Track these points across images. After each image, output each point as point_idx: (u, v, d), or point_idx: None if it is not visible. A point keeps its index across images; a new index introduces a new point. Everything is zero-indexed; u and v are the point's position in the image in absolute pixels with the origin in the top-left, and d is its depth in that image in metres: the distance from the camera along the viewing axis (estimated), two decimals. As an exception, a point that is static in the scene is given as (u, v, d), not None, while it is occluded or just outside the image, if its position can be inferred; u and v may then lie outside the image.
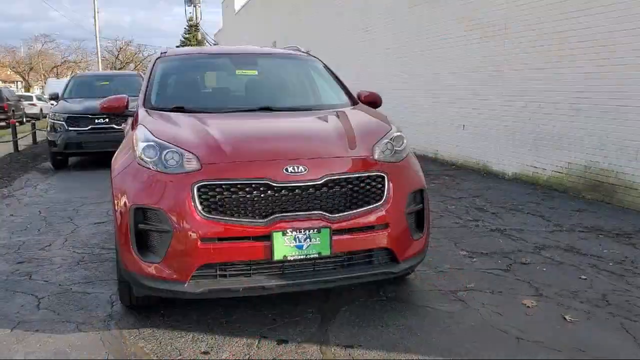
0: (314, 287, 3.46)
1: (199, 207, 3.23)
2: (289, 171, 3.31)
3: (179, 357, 3.21)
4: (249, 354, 3.24)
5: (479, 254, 5.00)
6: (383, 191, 3.50)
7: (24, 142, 16.28)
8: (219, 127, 3.73)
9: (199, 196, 3.24)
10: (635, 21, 6.58)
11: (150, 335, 3.48)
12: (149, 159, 3.43)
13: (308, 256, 3.30)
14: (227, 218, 3.24)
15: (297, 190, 3.30)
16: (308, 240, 3.29)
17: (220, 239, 3.24)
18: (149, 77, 4.61)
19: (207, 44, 51.67)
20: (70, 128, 10.90)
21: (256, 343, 3.37)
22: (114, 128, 10.99)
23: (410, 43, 12.19)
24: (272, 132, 3.84)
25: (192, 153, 3.38)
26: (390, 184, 3.52)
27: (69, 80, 12.80)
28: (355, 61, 15.13)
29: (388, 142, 3.72)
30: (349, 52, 15.54)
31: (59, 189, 9.02)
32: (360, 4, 14.92)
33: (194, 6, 46.63)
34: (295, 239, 3.27)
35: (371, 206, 3.45)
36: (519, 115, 8.75)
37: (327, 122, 4.00)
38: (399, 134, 3.83)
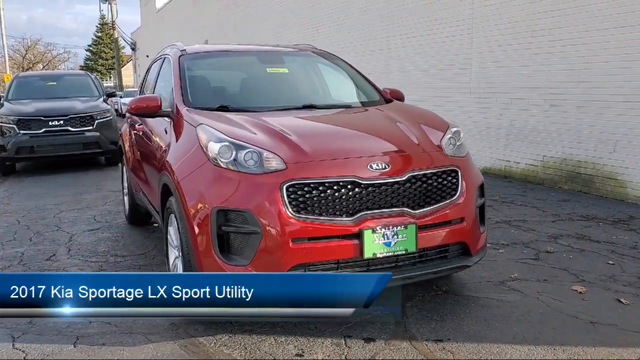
0: (397, 283, 3.41)
1: (289, 207, 3.16)
2: (374, 168, 3.31)
3: (275, 361, 3.14)
4: (343, 354, 3.20)
5: (502, 245, 5.15)
6: (457, 185, 3.56)
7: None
8: (284, 125, 3.66)
9: (288, 196, 3.18)
10: (607, 22, 6.98)
11: (230, 341, 3.36)
12: (225, 160, 3.32)
13: (395, 253, 3.31)
14: (317, 217, 3.20)
15: (382, 187, 3.30)
16: (396, 237, 3.29)
17: (310, 239, 3.20)
18: (180, 76, 4.42)
19: (125, 42, 50.07)
20: (21, 131, 10.26)
21: (343, 342, 3.33)
22: (70, 131, 10.48)
23: (368, 41, 12.34)
24: (343, 130, 3.82)
25: (273, 152, 3.31)
26: (463, 178, 3.59)
27: (12, 81, 12.03)
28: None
29: (451, 137, 3.78)
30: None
31: (22, 196, 8.48)
32: (309, 1, 14.93)
33: (109, 3, 45.02)
34: (383, 236, 3.27)
35: (448, 201, 3.51)
36: (491, 111, 9.07)
37: (389, 118, 4.00)
38: (457, 128, 3.90)
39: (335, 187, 3.23)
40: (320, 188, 3.21)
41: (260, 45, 5.64)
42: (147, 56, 40.52)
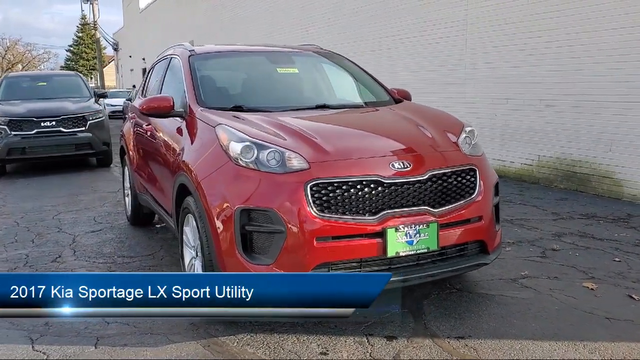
0: (418, 281, 3.48)
1: (313, 206, 3.18)
2: (396, 167, 3.34)
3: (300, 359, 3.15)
4: (367, 352, 3.22)
5: (508, 243, 5.20)
6: (475, 184, 3.61)
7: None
8: (303, 125, 3.68)
9: (312, 195, 3.19)
10: (605, 23, 7.10)
11: (252, 340, 3.36)
12: (247, 160, 3.33)
13: (417, 251, 3.34)
14: (340, 216, 3.21)
15: (405, 186, 3.33)
16: (418, 235, 3.32)
17: (334, 238, 3.21)
18: (191, 76, 4.40)
19: (107, 43, 49.56)
20: (12, 132, 10.13)
21: (366, 341, 3.35)
22: (62, 132, 10.37)
23: (360, 42, 12.37)
24: (361, 129, 3.83)
25: (295, 152, 3.32)
26: (480, 177, 3.64)
27: (1, 82, 11.87)
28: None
29: (466, 136, 3.83)
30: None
31: (16, 197, 8.38)
32: (300, 1, 14.93)
33: (90, 3, 44.55)
34: (406, 235, 3.29)
35: (467, 199, 3.55)
36: (486, 111, 9.16)
37: (404, 118, 4.04)
38: (471, 128, 3.95)
39: (358, 187, 3.25)
40: (344, 187, 3.23)
41: (266, 45, 5.65)
42: (130, 56, 40.25)
